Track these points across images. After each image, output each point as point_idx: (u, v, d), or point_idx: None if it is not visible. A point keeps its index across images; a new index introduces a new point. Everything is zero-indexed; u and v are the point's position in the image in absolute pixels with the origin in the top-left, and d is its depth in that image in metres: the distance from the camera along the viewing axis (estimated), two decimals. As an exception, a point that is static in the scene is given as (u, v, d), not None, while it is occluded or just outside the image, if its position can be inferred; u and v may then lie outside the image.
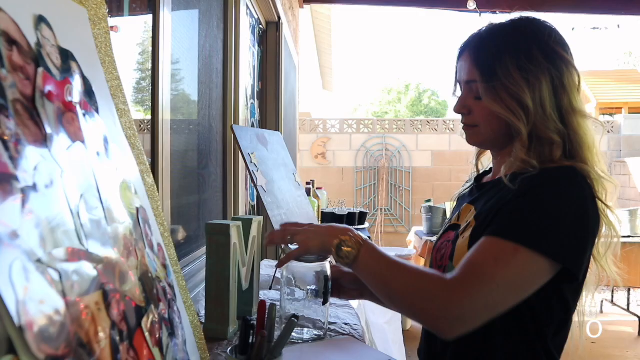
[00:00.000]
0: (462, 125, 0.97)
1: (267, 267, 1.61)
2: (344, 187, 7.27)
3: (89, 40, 0.61)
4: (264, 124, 2.82)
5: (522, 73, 0.86)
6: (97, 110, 0.57)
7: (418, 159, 7.28)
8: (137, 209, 0.60)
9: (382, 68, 45.34)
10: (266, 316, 0.76)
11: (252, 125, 2.42)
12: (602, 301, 4.47)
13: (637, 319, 4.03)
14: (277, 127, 2.86)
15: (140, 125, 1.35)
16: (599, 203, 0.84)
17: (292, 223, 0.95)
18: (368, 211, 4.94)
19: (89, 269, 0.45)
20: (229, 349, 0.74)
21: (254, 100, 2.51)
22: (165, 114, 1.32)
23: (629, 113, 9.46)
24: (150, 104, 1.30)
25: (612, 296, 4.50)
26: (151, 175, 0.70)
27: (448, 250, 0.94)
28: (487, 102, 0.88)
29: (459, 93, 0.96)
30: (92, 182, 0.51)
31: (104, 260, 0.48)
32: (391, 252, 4.09)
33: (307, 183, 2.77)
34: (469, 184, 1.07)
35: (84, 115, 0.53)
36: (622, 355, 3.48)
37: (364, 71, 48.68)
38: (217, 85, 1.91)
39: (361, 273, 0.85)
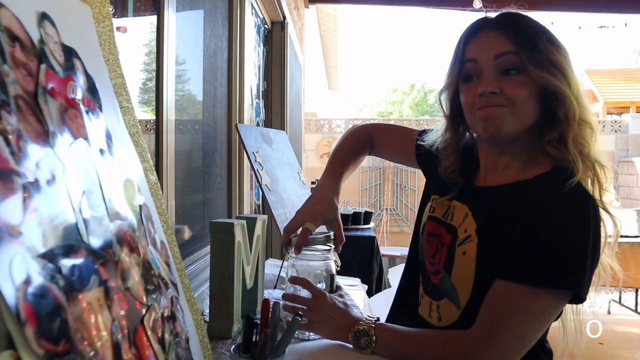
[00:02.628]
0: (480, 110, 0.82)
1: (272, 266, 1.60)
2: (350, 186, 7.26)
3: (93, 38, 0.61)
4: (269, 123, 2.82)
5: (558, 57, 0.81)
6: (100, 108, 0.57)
7: (424, 158, 7.24)
8: (140, 207, 0.60)
9: (387, 68, 45.30)
10: (270, 315, 0.76)
11: (257, 125, 2.42)
12: (609, 302, 4.44)
13: (645, 319, 4.01)
14: (282, 127, 2.86)
15: (145, 126, 1.35)
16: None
17: (298, 297, 0.94)
18: (373, 211, 4.92)
19: (90, 266, 0.45)
20: (233, 347, 0.74)
21: (259, 99, 2.52)
22: (170, 114, 1.33)
23: (637, 112, 9.40)
24: (155, 104, 1.30)
25: (620, 297, 4.47)
26: (154, 173, 0.70)
27: (443, 256, 0.91)
28: (533, 72, 0.79)
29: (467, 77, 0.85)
30: (95, 178, 0.51)
31: (106, 257, 0.48)
32: (397, 252, 4.08)
33: (312, 182, 2.77)
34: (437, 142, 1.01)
35: (87, 112, 0.53)
36: (630, 356, 3.44)
37: (369, 71, 48.66)
38: (222, 85, 1.91)
39: (384, 353, 0.85)
